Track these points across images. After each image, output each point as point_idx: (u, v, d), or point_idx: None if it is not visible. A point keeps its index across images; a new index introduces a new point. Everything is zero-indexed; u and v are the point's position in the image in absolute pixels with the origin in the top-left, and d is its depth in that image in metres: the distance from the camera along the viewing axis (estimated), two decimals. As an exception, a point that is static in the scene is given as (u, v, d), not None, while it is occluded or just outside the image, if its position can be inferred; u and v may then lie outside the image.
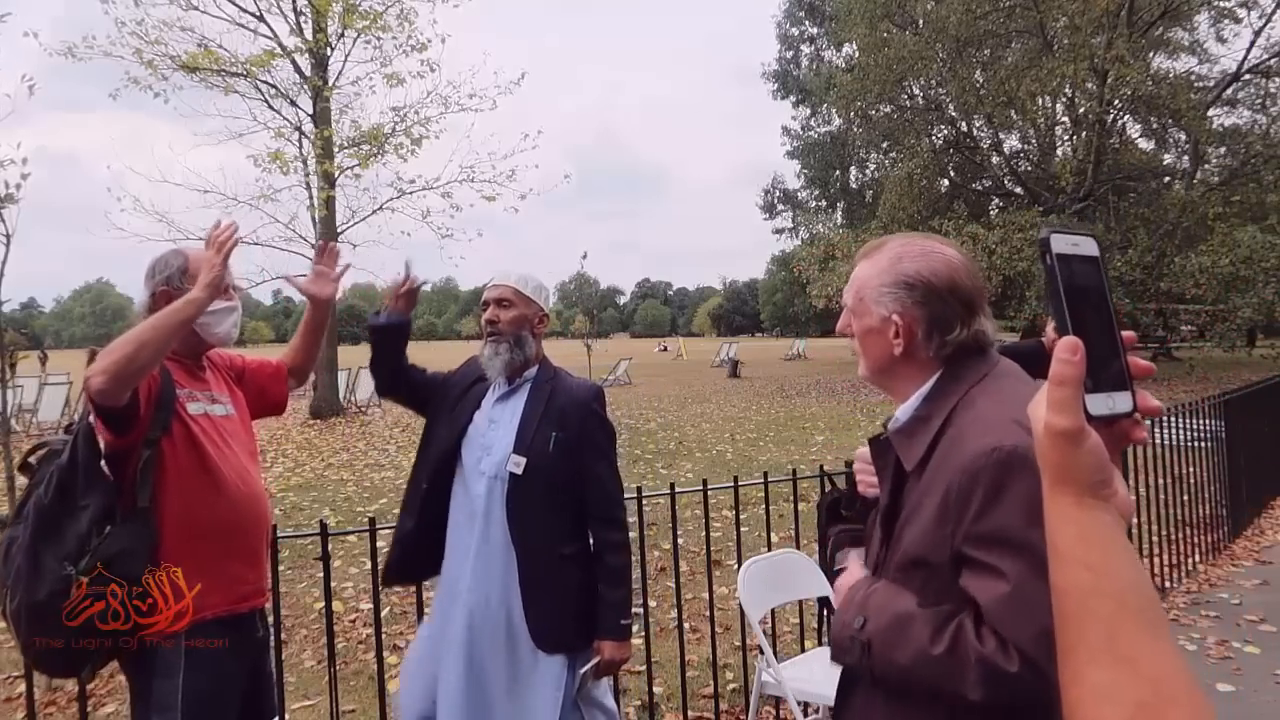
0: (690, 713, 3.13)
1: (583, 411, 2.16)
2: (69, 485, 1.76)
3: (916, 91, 23.75)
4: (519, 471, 2.07)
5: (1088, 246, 0.67)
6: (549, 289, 2.28)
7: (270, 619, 2.18)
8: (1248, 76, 21.06)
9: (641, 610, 2.98)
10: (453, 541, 2.17)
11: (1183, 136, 22.63)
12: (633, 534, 2.32)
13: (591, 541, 2.18)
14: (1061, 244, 0.65)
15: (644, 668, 3.03)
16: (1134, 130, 24.89)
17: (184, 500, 1.85)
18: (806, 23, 37.00)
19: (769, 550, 3.06)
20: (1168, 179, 23.50)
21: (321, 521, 2.71)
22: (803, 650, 3.30)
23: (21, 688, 2.94)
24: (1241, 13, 21.23)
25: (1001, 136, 23.90)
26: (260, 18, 15.55)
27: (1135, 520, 4.37)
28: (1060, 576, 0.62)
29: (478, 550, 2.10)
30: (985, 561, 1.11)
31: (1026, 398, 1.20)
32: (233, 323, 2.05)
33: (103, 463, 1.80)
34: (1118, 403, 0.63)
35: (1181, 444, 5.02)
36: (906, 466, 1.23)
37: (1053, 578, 0.63)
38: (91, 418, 1.76)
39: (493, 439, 2.15)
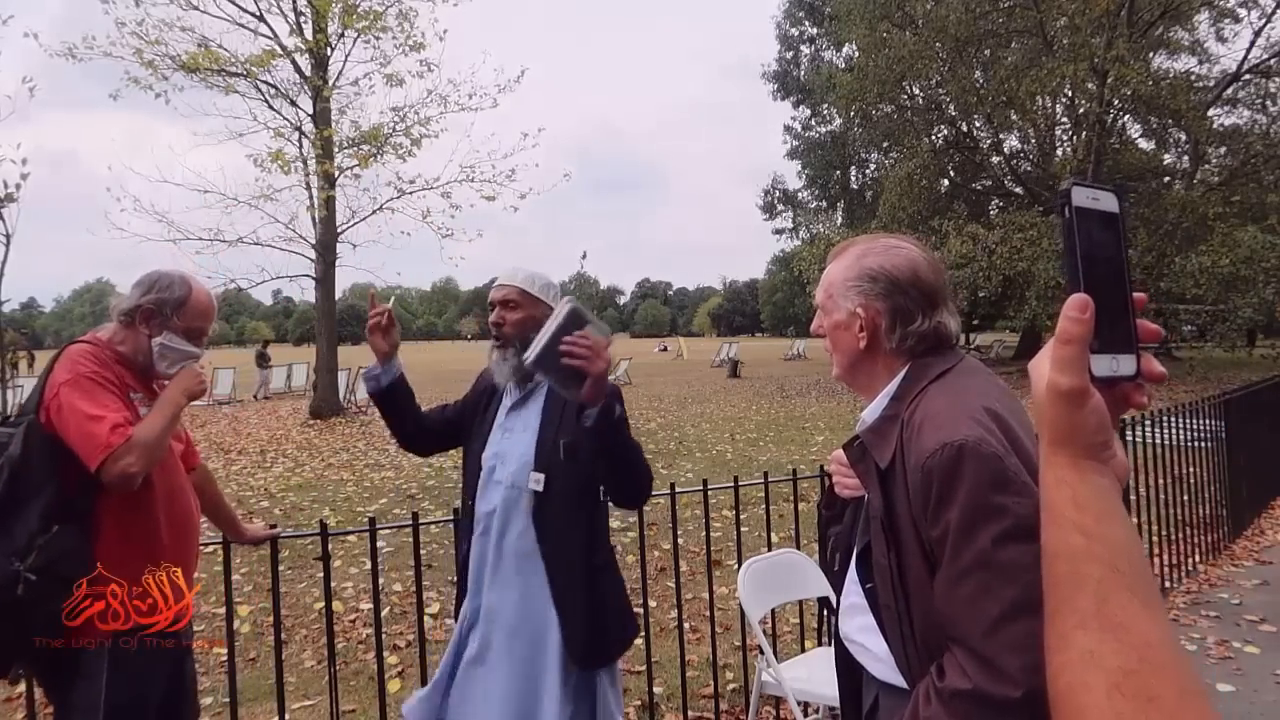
0: (690, 713, 3.12)
1: None
2: (21, 479, 1.75)
3: (916, 91, 23.74)
4: (540, 489, 2.02)
5: (1108, 202, 0.64)
6: (557, 286, 2.21)
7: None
8: (1248, 76, 21.07)
9: (642, 610, 2.98)
10: (476, 550, 2.12)
11: (1183, 136, 22.65)
12: (633, 534, 2.31)
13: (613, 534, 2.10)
14: (1082, 197, 0.63)
15: (644, 668, 3.03)
16: (1134, 130, 24.91)
17: (120, 505, 1.84)
18: (806, 23, 36.92)
19: (769, 550, 3.05)
20: (1168, 179, 23.51)
21: (321, 521, 2.71)
22: (803, 650, 3.29)
23: (21, 687, 2.93)
24: (1241, 12, 21.29)
25: (1001, 136, 23.88)
26: (260, 18, 15.57)
27: (1135, 520, 4.36)
28: (1052, 539, 0.60)
29: (494, 560, 2.07)
30: (942, 563, 1.11)
31: (984, 391, 1.23)
32: (180, 367, 2.04)
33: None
34: (1121, 365, 0.61)
35: (1181, 444, 5.02)
36: (880, 465, 1.24)
37: (1045, 540, 0.61)
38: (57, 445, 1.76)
39: (506, 447, 2.11)
